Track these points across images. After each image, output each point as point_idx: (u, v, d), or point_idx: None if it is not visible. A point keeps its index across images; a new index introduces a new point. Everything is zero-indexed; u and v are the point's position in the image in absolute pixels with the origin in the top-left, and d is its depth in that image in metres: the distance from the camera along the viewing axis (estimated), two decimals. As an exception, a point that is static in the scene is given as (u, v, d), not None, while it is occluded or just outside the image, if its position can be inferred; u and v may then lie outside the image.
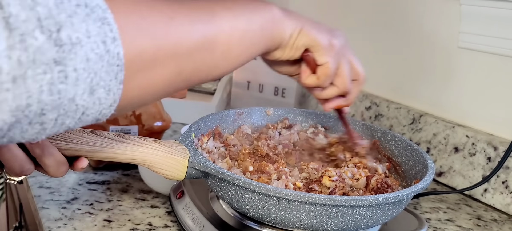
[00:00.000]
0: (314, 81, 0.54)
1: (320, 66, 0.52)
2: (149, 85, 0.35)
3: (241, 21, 0.43)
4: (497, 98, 0.80)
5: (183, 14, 0.37)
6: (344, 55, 0.54)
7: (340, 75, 0.54)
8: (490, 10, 0.78)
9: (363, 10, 1.07)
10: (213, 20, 0.40)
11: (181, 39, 0.37)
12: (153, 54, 0.34)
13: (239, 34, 0.42)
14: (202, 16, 0.39)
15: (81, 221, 0.61)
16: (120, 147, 0.48)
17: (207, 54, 0.39)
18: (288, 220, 0.48)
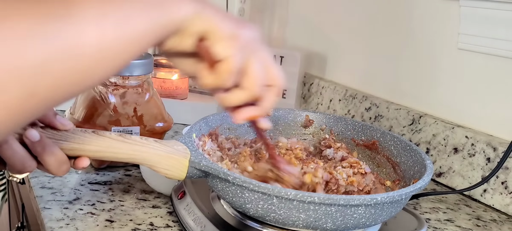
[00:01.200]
0: (212, 80, 0.43)
1: (220, 61, 0.42)
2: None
3: (112, 10, 0.32)
4: (496, 99, 0.80)
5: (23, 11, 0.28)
6: (255, 52, 0.44)
7: (248, 75, 0.44)
8: (489, 11, 0.78)
9: (363, 11, 1.07)
10: (71, 16, 0.30)
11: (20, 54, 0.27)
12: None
13: (113, 28, 0.32)
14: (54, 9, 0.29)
15: (83, 221, 0.62)
16: (121, 147, 0.49)
17: (71, 63, 0.30)
18: (288, 219, 0.48)
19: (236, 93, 0.45)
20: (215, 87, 0.44)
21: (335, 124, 0.74)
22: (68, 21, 0.29)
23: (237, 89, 0.45)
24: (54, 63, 0.29)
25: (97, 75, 0.33)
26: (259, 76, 0.44)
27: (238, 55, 0.42)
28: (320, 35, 1.21)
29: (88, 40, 0.31)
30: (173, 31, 0.39)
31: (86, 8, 0.30)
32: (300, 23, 1.29)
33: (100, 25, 0.31)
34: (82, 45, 0.30)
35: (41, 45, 0.28)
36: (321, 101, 1.17)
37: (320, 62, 1.21)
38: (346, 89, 1.09)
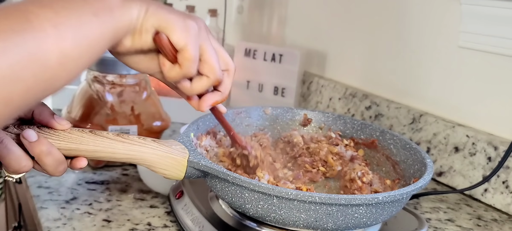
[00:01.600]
0: (177, 72, 0.45)
1: (179, 52, 0.44)
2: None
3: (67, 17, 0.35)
4: (497, 97, 0.80)
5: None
6: (206, 38, 0.46)
7: (206, 62, 0.46)
8: (490, 9, 0.78)
9: (363, 10, 1.06)
10: (31, 25, 0.32)
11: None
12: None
13: (70, 34, 0.35)
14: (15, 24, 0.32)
15: (80, 221, 0.61)
16: (119, 147, 0.48)
17: (38, 69, 0.32)
18: (288, 219, 0.48)
19: (200, 81, 0.47)
20: (180, 78, 0.46)
21: (334, 122, 0.73)
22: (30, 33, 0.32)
23: (200, 78, 0.47)
24: (23, 72, 0.31)
25: (63, 80, 0.35)
26: (215, 60, 0.47)
27: (194, 44, 0.44)
28: (319, 33, 1.21)
29: (49, 48, 0.33)
30: (125, 32, 0.42)
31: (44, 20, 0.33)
32: (300, 21, 1.28)
33: (58, 34, 0.34)
34: (45, 53, 0.33)
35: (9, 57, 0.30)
36: (320, 100, 1.16)
37: (320, 61, 1.20)
38: (346, 88, 1.09)
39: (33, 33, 0.32)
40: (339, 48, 1.15)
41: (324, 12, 1.19)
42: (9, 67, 0.31)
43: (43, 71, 0.33)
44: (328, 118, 0.74)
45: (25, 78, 0.32)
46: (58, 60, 0.34)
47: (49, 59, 0.33)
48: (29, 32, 0.32)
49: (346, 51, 1.12)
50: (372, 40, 1.04)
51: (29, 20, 0.32)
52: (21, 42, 0.31)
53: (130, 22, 0.41)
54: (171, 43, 0.43)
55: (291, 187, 0.56)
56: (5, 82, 0.30)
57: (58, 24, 0.34)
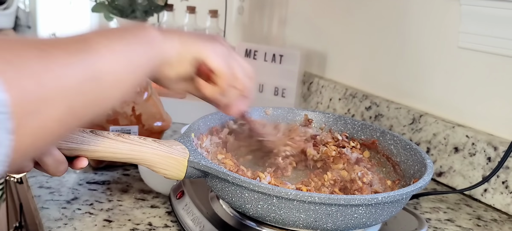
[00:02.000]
0: (216, 90, 0.53)
1: (216, 74, 0.51)
2: (42, 129, 0.33)
3: (119, 46, 0.41)
4: (497, 98, 0.80)
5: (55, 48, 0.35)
6: (232, 56, 0.54)
7: (236, 77, 0.53)
8: (490, 10, 0.78)
9: (363, 11, 1.07)
10: (90, 50, 0.37)
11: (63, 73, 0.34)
12: (39, 94, 0.32)
13: (122, 59, 0.40)
14: (77, 46, 0.37)
15: (81, 221, 0.61)
16: (120, 147, 0.48)
17: (95, 85, 0.37)
18: (288, 219, 0.48)
19: (232, 93, 0.54)
20: (218, 95, 0.53)
21: (334, 123, 0.73)
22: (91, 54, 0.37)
23: (230, 90, 0.54)
24: (86, 86, 0.36)
25: (113, 98, 0.40)
26: (243, 74, 0.54)
27: (226, 64, 0.52)
28: (319, 33, 1.21)
29: (105, 67, 0.38)
30: (165, 62, 0.48)
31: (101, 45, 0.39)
32: (300, 21, 1.28)
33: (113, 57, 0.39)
34: (102, 71, 0.38)
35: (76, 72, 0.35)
36: (321, 101, 1.17)
37: (320, 61, 1.20)
38: (346, 88, 1.09)
39: (93, 54, 0.37)
40: (339, 49, 1.15)
41: (324, 13, 1.19)
42: (75, 79, 0.35)
43: (99, 86, 0.37)
44: (329, 118, 0.74)
45: (86, 92, 0.36)
46: (111, 79, 0.39)
47: (104, 76, 0.38)
48: (90, 53, 0.37)
49: (346, 51, 1.13)
50: (372, 40, 1.04)
51: (89, 44, 0.38)
52: (85, 60, 0.36)
53: (167, 54, 0.48)
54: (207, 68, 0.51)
55: (292, 187, 0.56)
56: (71, 93, 0.34)
57: (112, 48, 0.40)
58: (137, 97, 0.77)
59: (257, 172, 0.58)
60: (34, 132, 0.32)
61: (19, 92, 0.30)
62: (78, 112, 0.36)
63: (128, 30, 0.44)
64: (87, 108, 0.37)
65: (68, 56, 0.35)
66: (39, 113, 0.32)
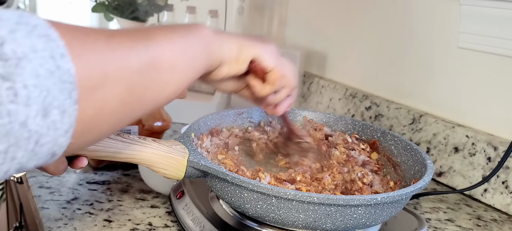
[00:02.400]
0: (269, 89, 0.55)
1: (269, 73, 0.54)
2: (104, 104, 0.34)
3: (177, 38, 0.43)
4: (497, 98, 0.80)
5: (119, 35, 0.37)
6: (278, 56, 0.56)
7: (285, 75, 0.56)
8: (490, 10, 0.78)
9: (363, 11, 1.07)
10: (151, 38, 0.39)
11: (125, 55, 0.36)
12: (102, 70, 0.33)
13: (179, 50, 0.42)
14: (139, 35, 0.39)
15: (81, 221, 0.61)
16: (119, 146, 0.48)
17: (155, 72, 0.39)
18: (287, 219, 0.48)
19: (282, 92, 0.57)
20: (271, 93, 0.56)
21: (335, 123, 0.73)
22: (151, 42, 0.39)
23: (282, 89, 0.57)
24: (146, 70, 0.37)
25: (169, 90, 0.41)
26: (291, 73, 0.57)
27: (279, 64, 0.54)
28: (319, 33, 1.21)
29: (164, 57, 0.40)
30: (219, 60, 0.50)
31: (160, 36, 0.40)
32: (300, 21, 1.28)
33: (171, 48, 0.41)
34: (161, 60, 0.39)
35: (137, 56, 0.37)
36: (321, 101, 1.17)
37: (320, 61, 1.20)
38: (346, 88, 1.09)
39: (153, 42, 0.39)
40: (339, 49, 1.15)
41: (324, 13, 1.19)
42: (136, 63, 0.36)
43: (157, 74, 0.39)
44: (330, 119, 0.74)
45: (145, 76, 0.37)
46: (169, 69, 0.40)
47: (163, 65, 0.39)
48: (150, 41, 0.39)
49: (346, 52, 1.13)
50: (372, 40, 1.04)
51: (149, 36, 0.39)
52: (145, 47, 0.38)
53: (224, 54, 0.50)
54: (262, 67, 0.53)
55: (291, 187, 0.56)
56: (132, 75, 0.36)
57: (171, 41, 0.41)
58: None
59: (257, 172, 0.58)
60: (97, 106, 0.33)
61: (84, 65, 0.31)
62: (137, 95, 0.37)
63: (186, 27, 0.45)
64: (146, 91, 0.38)
65: (130, 42, 0.37)
66: (102, 89, 0.33)
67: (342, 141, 0.70)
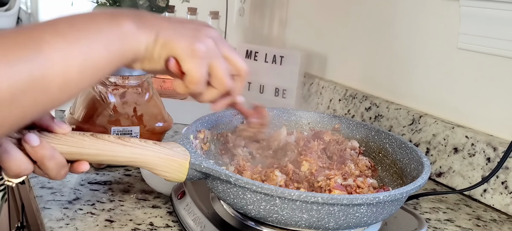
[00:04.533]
0: (185, 89, 0.49)
1: (185, 75, 0.48)
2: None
3: (78, 47, 0.37)
4: (496, 99, 0.80)
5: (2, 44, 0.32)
6: (216, 55, 0.49)
7: (215, 77, 0.50)
8: (489, 11, 0.78)
9: (363, 12, 1.07)
10: (40, 54, 0.34)
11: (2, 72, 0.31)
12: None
13: (77, 63, 0.37)
14: (25, 51, 0.33)
15: (83, 221, 0.61)
16: (120, 150, 0.48)
17: (39, 94, 0.34)
18: (290, 220, 0.48)
19: (210, 92, 0.51)
20: (188, 94, 0.50)
21: (329, 122, 0.74)
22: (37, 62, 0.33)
23: (210, 89, 0.51)
24: (23, 96, 0.33)
25: (61, 102, 0.37)
26: (224, 75, 0.50)
27: (199, 67, 0.47)
28: (320, 35, 1.21)
29: (54, 75, 0.35)
30: (132, 58, 0.44)
31: (54, 49, 0.35)
32: (300, 23, 1.29)
33: (66, 63, 0.35)
34: (49, 80, 0.34)
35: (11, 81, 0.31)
36: (321, 101, 1.17)
37: (320, 62, 1.21)
38: (346, 89, 1.09)
39: (41, 61, 0.34)
40: (339, 50, 1.15)
41: (325, 14, 1.19)
42: (9, 91, 0.32)
43: (43, 96, 0.34)
44: (324, 118, 0.74)
45: (24, 103, 0.33)
46: (60, 87, 0.35)
47: (51, 86, 0.35)
48: (37, 61, 0.33)
49: (346, 52, 1.13)
50: (372, 41, 1.05)
51: (40, 49, 0.34)
52: (27, 70, 0.32)
53: (137, 51, 0.44)
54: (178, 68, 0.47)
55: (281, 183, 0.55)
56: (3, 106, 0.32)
57: (68, 55, 0.36)
58: (138, 98, 0.77)
59: (272, 171, 0.58)
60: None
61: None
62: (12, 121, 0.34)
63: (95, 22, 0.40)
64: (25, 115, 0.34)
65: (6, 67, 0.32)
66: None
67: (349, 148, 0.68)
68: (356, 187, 0.55)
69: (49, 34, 0.36)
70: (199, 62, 0.47)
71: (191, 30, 0.48)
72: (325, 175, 0.56)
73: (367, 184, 0.57)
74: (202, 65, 0.47)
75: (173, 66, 0.47)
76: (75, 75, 0.37)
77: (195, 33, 0.48)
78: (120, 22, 0.42)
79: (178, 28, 0.47)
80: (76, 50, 0.37)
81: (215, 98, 0.52)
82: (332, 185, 0.53)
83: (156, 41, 0.45)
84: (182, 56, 0.46)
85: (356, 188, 0.55)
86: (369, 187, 0.57)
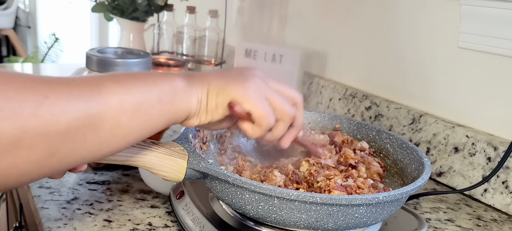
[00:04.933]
0: (259, 130, 0.50)
1: (252, 115, 0.48)
2: (12, 168, 0.32)
3: (134, 94, 0.39)
4: (497, 98, 0.80)
5: (60, 92, 0.34)
6: (268, 88, 0.50)
7: (277, 109, 0.50)
8: (490, 10, 0.78)
9: (363, 10, 1.07)
10: (98, 96, 0.37)
11: (53, 119, 0.33)
12: (14, 136, 0.31)
13: (131, 109, 0.39)
14: (85, 92, 0.36)
15: (81, 221, 0.61)
16: None
17: (89, 133, 0.36)
18: (289, 220, 0.48)
19: (279, 127, 0.51)
20: (263, 134, 0.50)
21: (330, 122, 0.73)
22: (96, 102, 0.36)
23: (277, 124, 0.51)
24: (76, 131, 0.35)
25: (109, 148, 0.39)
26: (284, 103, 0.51)
27: (261, 102, 0.48)
28: (319, 33, 1.21)
29: (107, 117, 0.37)
30: (186, 114, 0.46)
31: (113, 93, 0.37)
32: (300, 21, 1.28)
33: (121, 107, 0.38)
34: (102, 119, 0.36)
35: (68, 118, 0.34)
36: (321, 101, 1.17)
37: (320, 61, 1.20)
38: (346, 88, 1.09)
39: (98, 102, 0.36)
40: (339, 49, 1.15)
41: (324, 13, 1.19)
42: (65, 126, 0.34)
43: (93, 135, 0.36)
44: (324, 118, 0.74)
45: (75, 138, 0.35)
46: (111, 130, 0.37)
47: (103, 126, 0.37)
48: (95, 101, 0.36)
49: (346, 51, 1.13)
50: (372, 40, 1.04)
51: (100, 91, 0.37)
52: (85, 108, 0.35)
53: (191, 108, 0.46)
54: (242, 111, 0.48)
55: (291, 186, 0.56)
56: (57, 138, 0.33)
57: (123, 100, 0.38)
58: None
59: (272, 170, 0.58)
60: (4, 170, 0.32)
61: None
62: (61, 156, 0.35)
63: (150, 77, 0.42)
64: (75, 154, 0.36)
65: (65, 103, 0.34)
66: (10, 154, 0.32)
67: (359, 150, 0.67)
68: (356, 188, 0.55)
69: (109, 81, 0.38)
70: (257, 97, 0.48)
71: (238, 74, 0.49)
72: (324, 175, 0.56)
73: (368, 185, 0.56)
74: (261, 99, 0.48)
75: (238, 108, 0.48)
76: (127, 119, 0.39)
77: (242, 75, 0.49)
78: (173, 79, 0.44)
79: (225, 76, 0.49)
80: (132, 97, 0.39)
81: (284, 131, 0.52)
82: (332, 186, 0.53)
83: (209, 92, 0.47)
84: (240, 97, 0.47)
85: (356, 189, 0.55)
86: (369, 188, 0.56)
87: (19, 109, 0.31)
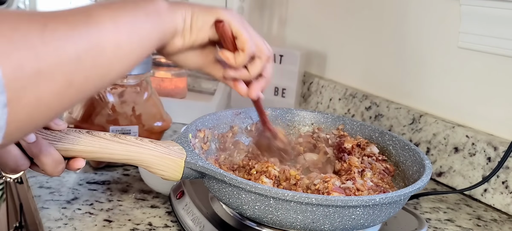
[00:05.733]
0: (243, 57, 0.51)
1: (239, 37, 0.50)
2: (39, 102, 0.33)
3: (123, 15, 0.40)
4: (497, 98, 0.80)
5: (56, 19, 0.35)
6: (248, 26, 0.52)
7: (257, 44, 0.53)
8: (490, 10, 0.78)
9: (363, 11, 1.07)
10: (92, 20, 0.37)
11: (61, 45, 0.34)
12: (35, 67, 0.31)
13: (125, 29, 0.40)
14: (79, 17, 0.37)
15: (81, 221, 0.61)
16: (116, 148, 0.48)
17: (97, 57, 0.37)
18: (285, 221, 0.48)
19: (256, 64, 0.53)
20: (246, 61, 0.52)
21: (333, 123, 0.73)
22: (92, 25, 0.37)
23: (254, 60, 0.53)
24: (85, 58, 0.36)
25: (115, 71, 0.40)
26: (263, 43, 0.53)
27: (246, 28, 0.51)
28: (319, 34, 1.21)
29: (107, 38, 0.38)
30: (173, 33, 0.48)
31: (104, 16, 0.38)
32: (300, 21, 1.28)
33: (115, 27, 0.39)
34: (104, 42, 0.38)
35: (76, 44, 0.35)
36: (320, 101, 1.17)
37: (320, 61, 1.20)
38: (346, 88, 1.09)
39: (94, 25, 0.37)
40: (339, 49, 1.15)
41: (324, 13, 1.19)
42: (75, 52, 0.35)
43: (100, 58, 0.37)
44: (328, 119, 0.74)
45: (86, 64, 0.36)
46: (114, 51, 0.38)
47: (106, 48, 0.38)
48: (91, 25, 0.37)
49: (346, 51, 1.13)
50: (372, 40, 1.04)
51: (91, 15, 0.37)
52: (85, 32, 0.36)
53: (177, 24, 0.48)
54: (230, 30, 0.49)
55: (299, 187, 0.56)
56: (70, 65, 0.34)
57: (116, 20, 0.39)
58: (137, 98, 0.77)
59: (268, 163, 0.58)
60: (31, 105, 0.32)
61: (13, 65, 0.30)
62: (77, 84, 0.36)
63: (135, 2, 0.43)
64: (88, 81, 0.37)
65: (68, 28, 0.35)
66: (36, 86, 0.32)
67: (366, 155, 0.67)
68: (355, 190, 0.55)
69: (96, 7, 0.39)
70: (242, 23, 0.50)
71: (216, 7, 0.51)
72: (321, 178, 0.56)
73: (367, 187, 0.56)
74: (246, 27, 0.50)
75: (226, 27, 0.48)
76: (124, 40, 0.40)
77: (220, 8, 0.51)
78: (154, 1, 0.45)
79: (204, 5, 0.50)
80: (123, 18, 0.40)
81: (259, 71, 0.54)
82: (330, 188, 0.53)
83: (194, 13, 0.49)
84: (227, 17, 0.49)
85: (355, 191, 0.55)
86: (369, 190, 0.56)
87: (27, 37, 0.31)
